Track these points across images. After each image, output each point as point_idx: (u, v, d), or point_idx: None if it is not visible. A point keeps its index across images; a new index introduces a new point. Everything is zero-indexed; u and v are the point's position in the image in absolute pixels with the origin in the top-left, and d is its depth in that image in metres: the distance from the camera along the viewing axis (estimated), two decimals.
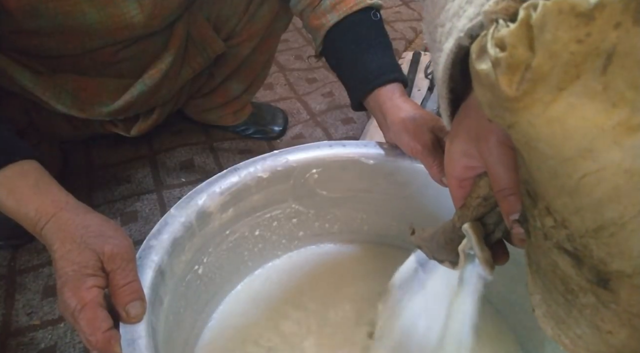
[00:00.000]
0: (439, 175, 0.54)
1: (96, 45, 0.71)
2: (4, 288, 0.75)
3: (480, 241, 0.37)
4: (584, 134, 0.20)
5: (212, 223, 0.54)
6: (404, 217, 0.65)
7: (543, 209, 0.26)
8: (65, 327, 0.70)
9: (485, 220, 0.37)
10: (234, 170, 0.56)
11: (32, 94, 0.72)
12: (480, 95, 0.24)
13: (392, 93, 0.61)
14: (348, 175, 0.62)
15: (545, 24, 0.19)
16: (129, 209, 0.88)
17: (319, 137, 1.07)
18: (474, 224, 0.37)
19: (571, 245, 0.25)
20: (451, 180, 0.38)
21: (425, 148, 0.55)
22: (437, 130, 0.56)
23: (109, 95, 0.79)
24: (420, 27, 1.47)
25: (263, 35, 0.88)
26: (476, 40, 0.23)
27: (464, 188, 0.37)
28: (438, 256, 0.43)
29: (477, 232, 0.37)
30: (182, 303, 0.52)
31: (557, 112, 0.20)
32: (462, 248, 0.39)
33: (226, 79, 0.95)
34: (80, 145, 1.00)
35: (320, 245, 0.70)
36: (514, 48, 0.20)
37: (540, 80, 0.20)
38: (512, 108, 0.21)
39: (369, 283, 0.65)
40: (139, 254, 0.46)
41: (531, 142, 0.22)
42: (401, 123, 0.57)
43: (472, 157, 0.34)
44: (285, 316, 0.61)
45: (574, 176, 0.21)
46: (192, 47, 0.84)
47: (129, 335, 0.40)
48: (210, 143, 1.05)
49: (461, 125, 0.35)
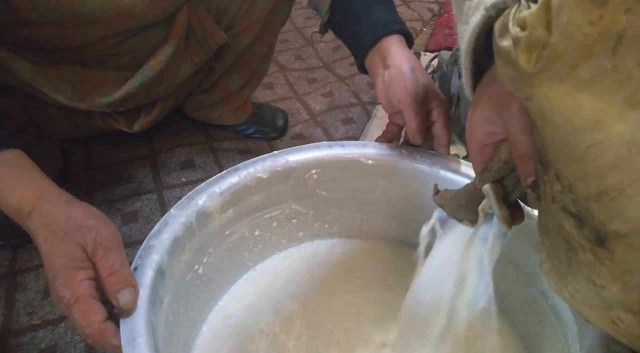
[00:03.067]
0: (415, 132, 0.57)
1: (97, 36, 0.71)
2: (4, 288, 0.75)
3: (499, 200, 0.39)
4: (593, 108, 0.22)
5: (212, 223, 0.54)
6: (404, 217, 0.66)
7: (552, 175, 0.28)
8: (65, 326, 0.70)
9: (504, 181, 0.40)
10: (234, 171, 0.56)
11: (32, 86, 0.72)
12: (501, 69, 0.26)
13: (398, 41, 0.62)
14: (347, 175, 0.62)
15: (562, 7, 0.21)
16: (129, 209, 0.88)
17: (319, 137, 1.08)
18: (494, 185, 0.40)
19: (575, 208, 0.27)
20: (473, 146, 0.39)
21: (413, 101, 0.56)
22: (430, 91, 0.58)
23: (109, 86, 0.79)
24: (419, 27, 1.47)
25: (262, 25, 0.88)
26: (499, 18, 0.25)
27: (484, 153, 0.39)
28: (458, 215, 0.46)
29: (497, 192, 0.40)
30: (182, 302, 0.52)
31: (570, 87, 0.22)
32: (482, 207, 0.42)
33: (226, 72, 0.95)
34: (80, 145, 1.00)
35: (320, 243, 0.70)
36: (533, 28, 0.22)
37: (555, 58, 0.22)
38: (529, 82, 0.24)
39: (369, 280, 0.65)
40: (139, 254, 0.46)
41: (545, 113, 0.25)
42: (399, 69, 0.59)
43: (493, 123, 0.36)
44: (285, 312, 0.61)
45: (581, 145, 0.24)
46: (193, 40, 0.84)
47: (129, 334, 0.40)
48: (211, 143, 1.05)
49: (484, 94, 0.37)
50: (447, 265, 0.48)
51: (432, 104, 0.59)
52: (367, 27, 0.64)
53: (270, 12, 0.87)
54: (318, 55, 1.37)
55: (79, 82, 0.76)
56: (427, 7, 1.58)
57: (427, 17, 1.53)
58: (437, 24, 1.48)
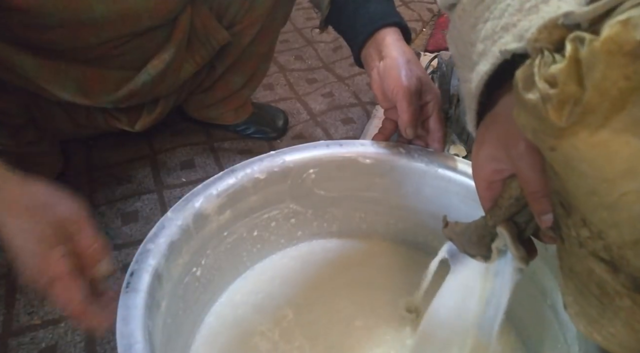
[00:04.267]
0: (407, 124, 0.56)
1: (102, 39, 0.72)
2: (4, 287, 0.75)
3: (515, 241, 0.39)
4: (626, 157, 0.22)
5: (210, 225, 0.54)
6: (402, 215, 0.66)
7: (578, 221, 0.27)
8: (66, 326, 0.70)
9: (516, 218, 0.39)
10: (231, 172, 0.56)
11: (35, 83, 0.72)
12: (524, 120, 0.25)
13: (394, 33, 0.62)
14: (345, 174, 0.62)
15: (594, 64, 0.21)
16: (130, 209, 0.89)
17: (319, 137, 1.08)
18: (507, 225, 0.39)
19: (608, 254, 0.26)
20: (480, 182, 0.39)
21: (407, 92, 0.56)
22: (424, 84, 0.57)
23: (113, 84, 0.79)
24: (419, 27, 1.47)
25: (263, 24, 0.89)
26: (521, 69, 0.25)
27: (492, 190, 0.39)
28: (469, 250, 0.45)
29: (512, 232, 0.39)
30: (181, 305, 0.52)
31: (601, 138, 0.22)
32: (496, 245, 0.41)
33: (227, 71, 0.96)
34: (80, 145, 1.00)
35: (319, 242, 0.70)
36: (564, 85, 0.22)
37: (588, 112, 0.22)
38: (557, 134, 0.23)
39: (369, 279, 0.65)
40: (135, 258, 0.46)
41: (572, 162, 0.24)
42: (394, 61, 0.58)
43: (500, 161, 0.36)
44: (285, 311, 0.62)
45: (614, 193, 0.23)
46: (195, 40, 0.85)
47: (126, 341, 0.40)
48: (211, 143, 1.05)
49: (488, 132, 0.37)
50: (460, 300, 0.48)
51: (426, 98, 0.58)
52: (364, 20, 0.64)
53: (272, 10, 0.87)
54: (318, 55, 1.37)
55: (83, 79, 0.76)
56: (426, 7, 1.58)
57: (426, 17, 1.53)
58: (437, 25, 1.48)
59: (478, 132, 0.39)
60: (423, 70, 0.60)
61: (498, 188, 0.38)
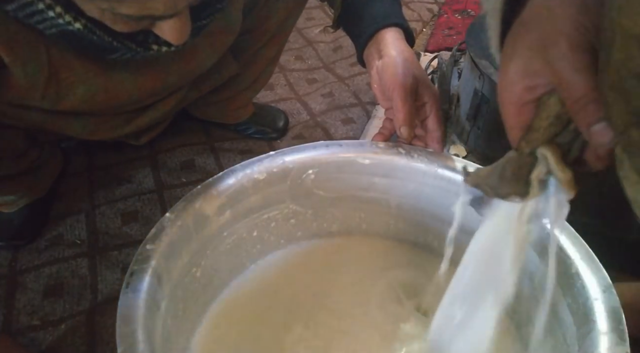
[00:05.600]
0: (402, 122, 0.57)
1: (122, 107, 0.73)
2: (4, 288, 0.75)
3: (560, 162, 0.34)
4: None
5: (210, 225, 0.54)
6: (402, 215, 0.66)
7: None
8: (65, 327, 0.70)
9: (557, 140, 0.35)
10: (230, 172, 0.56)
11: (41, 127, 0.72)
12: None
13: (395, 33, 0.63)
14: (345, 174, 0.62)
15: None
16: (130, 209, 0.89)
17: (319, 137, 1.07)
18: (550, 146, 0.35)
19: None
20: (508, 107, 0.35)
21: (402, 90, 0.56)
22: (421, 83, 0.58)
23: (120, 122, 0.80)
24: (419, 27, 1.47)
25: (275, 32, 0.89)
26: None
27: (523, 114, 0.35)
28: (502, 190, 0.40)
29: (556, 153, 0.35)
30: (180, 306, 0.52)
31: None
32: (537, 174, 0.37)
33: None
34: (80, 145, 1.00)
35: (319, 242, 0.70)
36: None
37: None
38: None
39: (369, 279, 0.65)
40: (135, 259, 0.46)
41: None
42: (392, 59, 0.59)
43: (534, 74, 0.33)
44: (285, 311, 0.62)
45: None
46: (206, 74, 0.84)
47: (127, 341, 0.40)
48: (211, 143, 1.05)
49: (518, 42, 0.34)
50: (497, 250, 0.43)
51: (424, 98, 0.58)
52: (368, 20, 0.64)
53: (284, 20, 0.88)
54: (318, 55, 1.37)
55: (93, 124, 0.76)
56: (426, 7, 1.58)
57: (426, 17, 1.53)
58: (437, 25, 1.48)
59: (505, 45, 0.35)
60: (421, 69, 0.60)
61: (529, 113, 0.35)
